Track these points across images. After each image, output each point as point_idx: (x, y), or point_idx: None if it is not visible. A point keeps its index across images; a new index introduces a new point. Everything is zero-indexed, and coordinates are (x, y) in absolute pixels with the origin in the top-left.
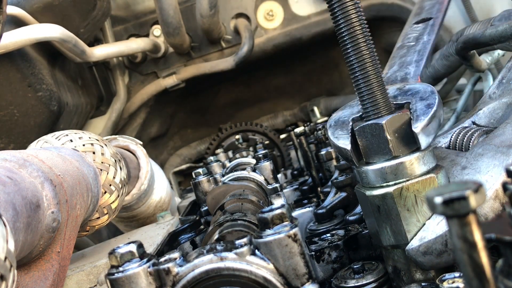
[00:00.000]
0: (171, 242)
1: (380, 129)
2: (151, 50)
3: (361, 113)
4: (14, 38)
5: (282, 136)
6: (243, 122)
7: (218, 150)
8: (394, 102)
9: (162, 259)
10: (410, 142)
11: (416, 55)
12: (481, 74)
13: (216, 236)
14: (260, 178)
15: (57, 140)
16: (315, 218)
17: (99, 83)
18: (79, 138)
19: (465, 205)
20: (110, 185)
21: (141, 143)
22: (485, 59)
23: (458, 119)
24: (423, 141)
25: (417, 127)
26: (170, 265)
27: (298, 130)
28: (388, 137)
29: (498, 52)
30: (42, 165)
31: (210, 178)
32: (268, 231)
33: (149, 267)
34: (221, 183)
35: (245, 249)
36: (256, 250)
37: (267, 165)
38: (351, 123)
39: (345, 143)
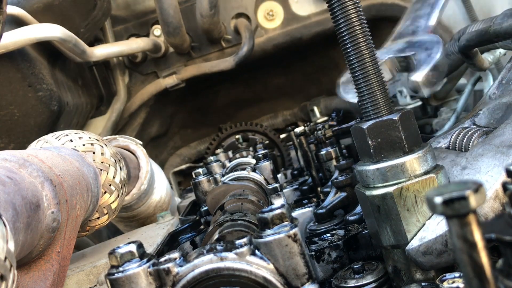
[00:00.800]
0: (171, 242)
1: (363, 133)
2: (151, 50)
3: None
4: (14, 38)
5: (282, 136)
6: (243, 122)
7: (218, 150)
8: (402, 55)
9: (162, 259)
10: (395, 147)
11: (429, 8)
12: (481, 74)
13: (216, 236)
14: (260, 178)
15: (57, 140)
16: (315, 218)
17: (99, 83)
18: (79, 138)
19: (465, 205)
20: (110, 185)
21: (141, 143)
22: (487, 58)
23: (458, 119)
24: (425, 90)
25: (418, 76)
26: (170, 265)
27: (298, 130)
28: (370, 142)
29: (500, 51)
30: (42, 165)
31: (210, 178)
32: (268, 231)
33: (149, 267)
34: (221, 183)
35: (245, 249)
36: (256, 250)
37: (267, 165)
38: None
39: (354, 97)
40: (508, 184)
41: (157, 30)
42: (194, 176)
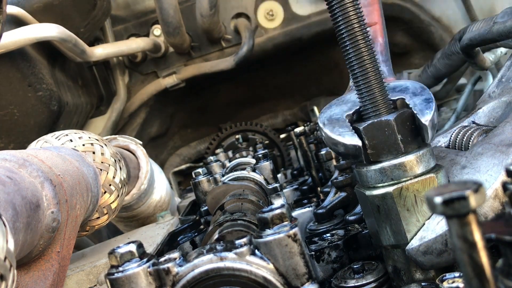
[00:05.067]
0: (171, 242)
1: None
2: (151, 49)
3: (353, 111)
4: (14, 38)
5: (282, 136)
6: (243, 122)
7: (218, 150)
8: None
9: (162, 259)
10: (395, 147)
11: (381, 56)
12: (481, 74)
13: (216, 236)
14: (260, 178)
15: (57, 140)
16: (315, 218)
17: (99, 82)
18: (79, 138)
19: (465, 205)
20: (110, 185)
21: (141, 143)
22: (489, 57)
23: (458, 119)
24: (430, 133)
25: (426, 120)
26: (170, 265)
27: (298, 130)
28: (369, 142)
29: (501, 50)
30: (42, 165)
31: (210, 178)
32: (268, 231)
33: (149, 267)
34: (221, 183)
35: (245, 249)
36: (256, 250)
37: (267, 165)
38: (346, 120)
39: (353, 140)
40: (508, 184)
41: (157, 30)
42: (194, 176)
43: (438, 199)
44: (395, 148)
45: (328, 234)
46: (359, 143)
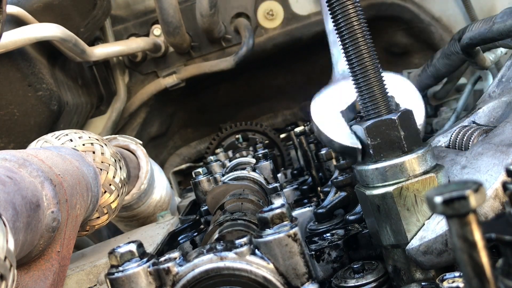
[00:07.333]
0: (171, 242)
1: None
2: (151, 49)
3: (347, 107)
4: (14, 38)
5: (282, 135)
6: (243, 122)
7: (218, 150)
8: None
9: (162, 259)
10: (395, 147)
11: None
12: (481, 73)
13: (216, 235)
14: (260, 178)
15: (57, 140)
16: (315, 218)
17: (99, 82)
18: (79, 137)
19: (465, 205)
20: (110, 184)
21: (141, 142)
22: (489, 57)
23: (458, 119)
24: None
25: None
26: (170, 264)
27: (298, 129)
28: (369, 141)
29: (501, 50)
30: (42, 165)
31: (210, 178)
32: (268, 231)
33: (149, 266)
34: (221, 182)
35: (245, 248)
36: (256, 250)
37: (267, 164)
38: (342, 118)
39: (352, 141)
40: (508, 184)
41: (157, 29)
42: (194, 176)
43: (438, 199)
44: (398, 147)
45: (328, 234)
46: (359, 145)
